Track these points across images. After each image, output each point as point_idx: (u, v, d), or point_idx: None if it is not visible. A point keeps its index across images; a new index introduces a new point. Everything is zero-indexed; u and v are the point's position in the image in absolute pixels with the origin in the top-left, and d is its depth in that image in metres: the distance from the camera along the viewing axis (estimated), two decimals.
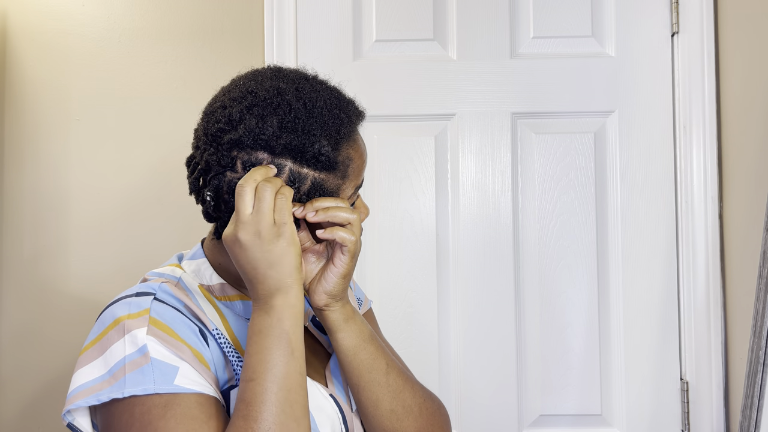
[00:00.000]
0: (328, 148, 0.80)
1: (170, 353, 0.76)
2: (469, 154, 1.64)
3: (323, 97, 0.82)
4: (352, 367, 0.86)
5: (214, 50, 1.63)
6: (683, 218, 1.60)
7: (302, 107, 0.80)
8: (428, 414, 0.90)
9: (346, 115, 0.83)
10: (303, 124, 0.79)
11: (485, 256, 1.63)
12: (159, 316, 0.78)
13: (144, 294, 0.81)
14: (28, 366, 1.61)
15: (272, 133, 0.79)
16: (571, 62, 1.64)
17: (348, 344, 0.85)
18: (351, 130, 0.84)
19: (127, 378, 0.74)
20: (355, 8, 1.65)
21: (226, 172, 0.80)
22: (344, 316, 0.85)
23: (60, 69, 1.63)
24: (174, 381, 0.74)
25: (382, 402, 0.86)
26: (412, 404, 0.89)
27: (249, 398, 0.73)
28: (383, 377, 0.86)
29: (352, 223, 0.81)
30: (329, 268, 0.83)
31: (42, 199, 1.62)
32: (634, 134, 1.63)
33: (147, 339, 0.76)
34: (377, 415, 0.87)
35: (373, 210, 1.64)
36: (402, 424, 0.87)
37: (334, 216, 0.80)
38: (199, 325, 0.82)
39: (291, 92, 0.81)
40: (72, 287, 1.62)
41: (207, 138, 0.82)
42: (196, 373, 0.77)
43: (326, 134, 0.80)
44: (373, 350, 0.86)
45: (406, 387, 0.89)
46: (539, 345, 1.63)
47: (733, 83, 1.54)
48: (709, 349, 1.57)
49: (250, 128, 0.79)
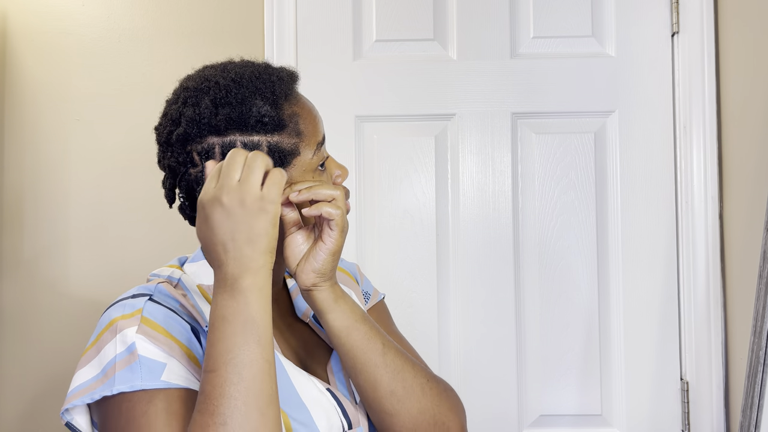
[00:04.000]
0: (266, 107, 0.82)
1: (158, 350, 0.76)
2: (469, 154, 1.64)
3: (250, 70, 0.84)
4: (346, 349, 0.84)
5: (214, 50, 1.63)
6: (683, 218, 1.60)
7: (231, 82, 0.82)
8: (433, 394, 0.88)
9: (277, 77, 0.85)
10: (234, 94, 0.81)
11: (485, 256, 1.63)
12: (151, 315, 0.79)
13: (140, 296, 0.82)
14: (28, 366, 1.61)
15: (210, 113, 0.81)
16: (571, 62, 1.64)
17: (339, 325, 0.83)
18: (287, 89, 0.85)
19: (116, 376, 0.74)
20: (355, 8, 1.65)
21: (189, 170, 0.83)
22: (333, 296, 0.83)
23: (60, 69, 1.63)
24: (161, 377, 0.74)
25: (380, 383, 0.84)
26: (413, 384, 0.86)
27: (208, 390, 0.71)
28: (379, 357, 0.84)
29: (336, 198, 0.81)
30: (318, 246, 0.82)
31: (42, 199, 1.62)
32: (634, 134, 1.63)
33: (136, 337, 0.76)
34: (377, 397, 0.85)
35: (373, 210, 1.64)
36: (404, 405, 0.85)
37: (316, 193, 0.80)
38: (193, 323, 0.82)
39: (218, 74, 0.84)
40: (72, 287, 1.62)
41: (161, 146, 0.85)
42: (184, 369, 0.77)
43: (261, 96, 0.82)
44: (367, 330, 0.84)
45: (407, 367, 0.86)
46: (539, 345, 1.63)
47: (733, 83, 1.54)
48: (709, 349, 1.56)
49: (190, 117, 0.81)
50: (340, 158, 1.59)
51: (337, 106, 1.63)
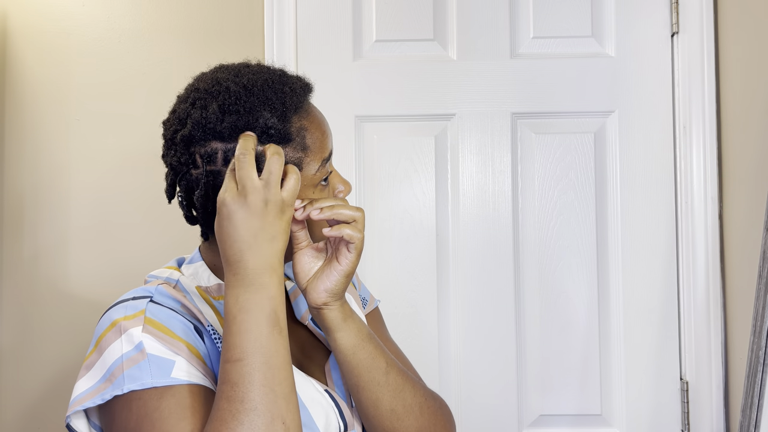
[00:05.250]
0: (274, 120, 0.81)
1: (166, 348, 0.76)
2: (469, 154, 1.64)
3: (263, 77, 0.84)
4: (351, 367, 0.85)
5: (215, 50, 1.63)
6: (683, 218, 1.61)
7: (241, 89, 0.82)
8: (430, 413, 0.90)
9: (290, 89, 0.84)
10: (243, 103, 0.81)
11: (485, 256, 1.63)
12: (154, 315, 0.79)
13: (140, 297, 0.82)
14: (28, 366, 1.61)
15: (216, 119, 0.80)
16: (571, 62, 1.64)
17: (347, 344, 0.84)
18: (298, 101, 0.84)
19: (125, 374, 0.75)
20: (355, 8, 1.65)
21: (190, 170, 0.83)
22: (343, 315, 0.84)
23: (60, 69, 1.63)
24: (171, 374, 0.75)
25: (382, 401, 0.86)
26: (412, 403, 0.88)
27: (235, 379, 0.72)
28: (383, 376, 0.86)
29: (357, 220, 0.81)
30: (333, 266, 0.83)
31: (42, 199, 1.62)
32: (634, 134, 1.63)
33: (142, 336, 0.76)
34: (377, 415, 0.86)
35: (373, 210, 1.64)
36: (403, 424, 0.87)
37: (339, 214, 0.81)
38: (195, 322, 0.82)
39: (230, 79, 0.83)
40: (72, 287, 1.62)
41: (166, 143, 0.86)
42: (191, 366, 0.77)
43: (270, 108, 0.82)
44: (372, 349, 0.86)
45: (407, 386, 0.88)
46: (539, 345, 1.63)
47: (733, 83, 1.54)
48: (709, 349, 1.57)
49: (196, 120, 0.81)
50: (341, 158, 1.60)
51: (337, 106, 1.63)
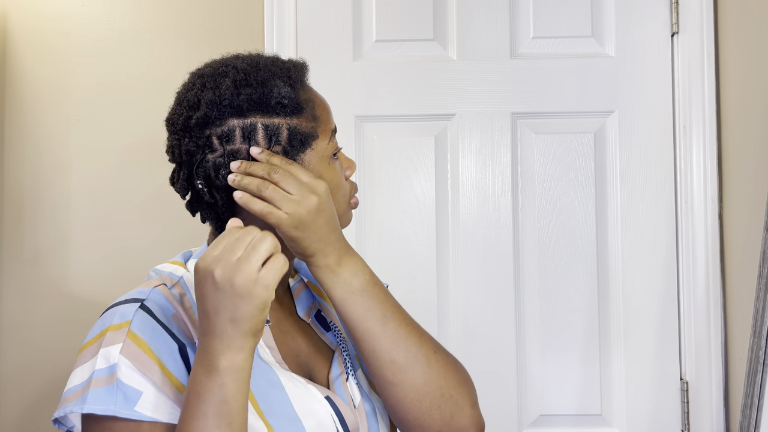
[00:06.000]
0: (287, 89, 0.83)
1: (138, 375, 0.75)
2: (469, 154, 1.64)
3: (263, 57, 0.87)
4: (345, 318, 0.85)
5: (215, 50, 1.61)
6: (683, 218, 1.61)
7: (248, 66, 0.84)
8: (439, 366, 0.86)
9: (291, 64, 0.87)
10: (254, 77, 0.82)
11: (485, 256, 1.63)
12: (138, 329, 0.78)
13: (131, 301, 0.81)
14: (28, 366, 1.61)
15: (231, 94, 0.81)
16: (571, 62, 1.64)
17: (334, 297, 0.85)
18: (300, 74, 0.87)
19: (89, 393, 0.74)
20: (355, 8, 1.65)
21: (207, 156, 0.82)
22: (327, 272, 0.84)
23: (60, 69, 1.63)
24: (135, 406, 0.74)
25: (379, 352, 0.84)
26: (417, 354, 0.85)
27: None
28: (378, 327, 0.84)
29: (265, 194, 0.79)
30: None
31: (42, 198, 1.62)
32: (634, 134, 1.63)
33: (119, 358, 0.75)
34: (377, 365, 0.85)
35: (373, 210, 1.64)
36: (406, 375, 0.84)
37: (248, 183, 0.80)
38: (183, 340, 0.80)
39: (233, 60, 0.86)
40: (72, 287, 1.62)
41: (177, 133, 0.84)
42: (161, 396, 0.76)
43: (280, 77, 0.83)
44: (365, 301, 0.85)
45: (411, 337, 0.86)
46: (539, 345, 1.63)
47: (733, 83, 1.54)
48: (709, 349, 1.57)
49: (210, 100, 0.81)
50: None
51: (337, 106, 1.61)
